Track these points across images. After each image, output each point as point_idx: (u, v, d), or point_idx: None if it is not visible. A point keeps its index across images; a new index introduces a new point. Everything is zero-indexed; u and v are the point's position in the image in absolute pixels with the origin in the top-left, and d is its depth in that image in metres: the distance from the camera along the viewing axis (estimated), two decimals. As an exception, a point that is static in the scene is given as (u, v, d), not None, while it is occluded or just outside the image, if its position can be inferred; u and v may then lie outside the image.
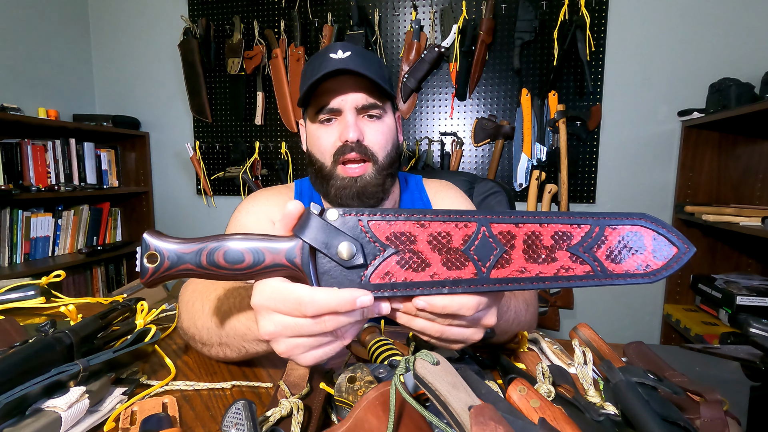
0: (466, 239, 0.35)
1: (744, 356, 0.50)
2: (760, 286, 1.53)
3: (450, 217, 0.35)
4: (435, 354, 0.35)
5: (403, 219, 0.35)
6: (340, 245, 0.33)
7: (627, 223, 0.36)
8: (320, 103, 0.71)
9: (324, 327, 0.33)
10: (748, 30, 1.65)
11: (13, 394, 0.37)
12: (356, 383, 0.40)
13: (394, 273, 0.34)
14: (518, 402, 0.37)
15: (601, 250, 0.36)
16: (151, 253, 0.33)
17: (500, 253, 0.35)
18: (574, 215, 0.36)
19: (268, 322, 0.34)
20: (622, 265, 0.35)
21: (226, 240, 0.34)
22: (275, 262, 0.34)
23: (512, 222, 0.35)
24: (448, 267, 0.35)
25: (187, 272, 0.34)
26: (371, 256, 0.34)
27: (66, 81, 2.17)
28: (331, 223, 0.34)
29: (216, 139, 2.16)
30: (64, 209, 2.01)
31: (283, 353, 0.35)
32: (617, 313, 1.92)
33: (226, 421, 0.33)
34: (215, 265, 0.33)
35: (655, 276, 0.35)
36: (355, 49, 0.69)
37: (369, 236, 0.34)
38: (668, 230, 0.36)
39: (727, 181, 1.71)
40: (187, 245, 0.33)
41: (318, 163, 0.74)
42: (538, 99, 1.82)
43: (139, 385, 0.49)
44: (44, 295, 0.79)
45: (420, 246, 0.35)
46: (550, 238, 0.36)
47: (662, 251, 0.35)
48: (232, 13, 2.05)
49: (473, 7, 1.83)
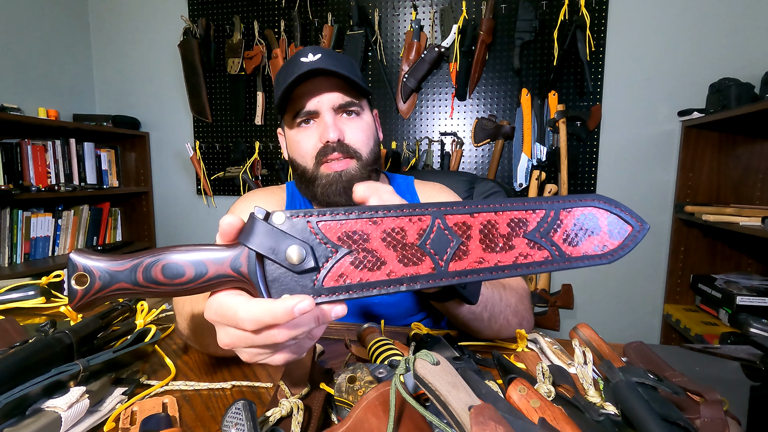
0: (421, 233, 0.34)
1: (744, 356, 0.50)
2: (760, 286, 1.53)
3: (403, 212, 0.34)
4: (435, 354, 0.35)
5: (354, 217, 0.33)
6: (288, 249, 0.31)
7: (581, 205, 0.36)
8: (296, 107, 0.70)
9: (274, 339, 0.30)
10: (748, 30, 1.65)
11: (13, 394, 0.37)
12: (356, 383, 0.40)
13: (349, 274, 0.33)
14: (518, 402, 0.37)
15: (558, 234, 0.35)
16: (79, 274, 0.30)
17: (457, 245, 0.34)
18: (528, 201, 0.35)
19: (224, 335, 0.32)
20: (580, 247, 0.35)
21: (164, 253, 0.31)
22: (219, 272, 0.31)
23: (467, 212, 0.35)
24: (405, 263, 0.33)
25: (122, 291, 0.31)
26: (323, 258, 0.32)
27: (66, 81, 2.17)
28: (278, 227, 0.32)
29: (216, 139, 2.16)
30: (64, 209, 2.01)
31: (247, 360, 0.33)
32: (617, 313, 1.92)
33: (226, 421, 0.33)
34: (154, 282, 0.31)
35: (612, 256, 0.35)
36: (325, 51, 0.69)
37: (319, 238, 0.32)
38: (621, 209, 0.35)
39: (727, 181, 1.71)
40: (119, 262, 0.31)
41: (300, 167, 0.73)
42: (538, 99, 1.82)
43: (139, 385, 0.49)
44: (44, 295, 0.79)
45: (374, 244, 0.33)
46: (506, 225, 0.35)
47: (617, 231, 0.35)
48: (232, 13, 2.05)
49: (473, 7, 1.83)
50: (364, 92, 0.73)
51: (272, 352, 0.33)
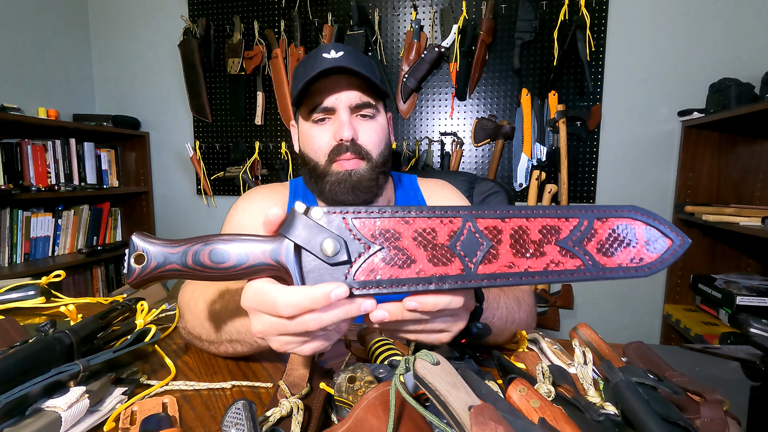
0: (452, 235, 0.34)
1: (744, 356, 0.50)
2: (760, 286, 1.53)
3: (435, 213, 0.35)
4: (435, 354, 0.35)
5: (388, 216, 0.34)
6: (324, 242, 0.33)
7: (617, 215, 0.35)
8: (314, 102, 0.70)
9: (306, 326, 0.33)
10: (748, 30, 1.65)
11: (13, 394, 0.37)
12: (356, 383, 0.40)
13: (380, 270, 0.34)
14: (518, 402, 0.37)
15: (592, 243, 0.35)
16: (138, 254, 0.34)
17: (487, 248, 0.34)
18: (560, 209, 0.35)
19: (258, 322, 0.34)
20: (615, 258, 0.35)
21: (212, 241, 0.34)
22: (259, 261, 0.34)
23: (498, 217, 0.35)
24: (434, 263, 0.34)
25: (173, 272, 0.34)
26: (356, 253, 0.34)
27: (66, 81, 2.17)
28: (316, 221, 0.34)
29: (216, 139, 2.16)
30: (64, 209, 2.01)
31: (277, 349, 0.35)
32: (617, 313, 1.92)
33: (226, 421, 0.33)
34: (201, 265, 0.34)
35: (650, 269, 0.34)
36: (348, 49, 0.70)
37: (353, 233, 0.34)
38: (660, 222, 0.35)
39: (727, 181, 1.71)
40: (173, 246, 0.34)
41: (312, 162, 0.73)
42: (538, 99, 1.82)
43: (139, 385, 0.49)
44: (44, 295, 0.79)
45: (405, 243, 0.34)
46: (537, 232, 0.35)
47: (656, 244, 0.34)
48: (232, 13, 2.05)
49: (473, 7, 1.83)
50: (382, 94, 0.74)
51: (302, 342, 0.35)
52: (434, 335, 0.40)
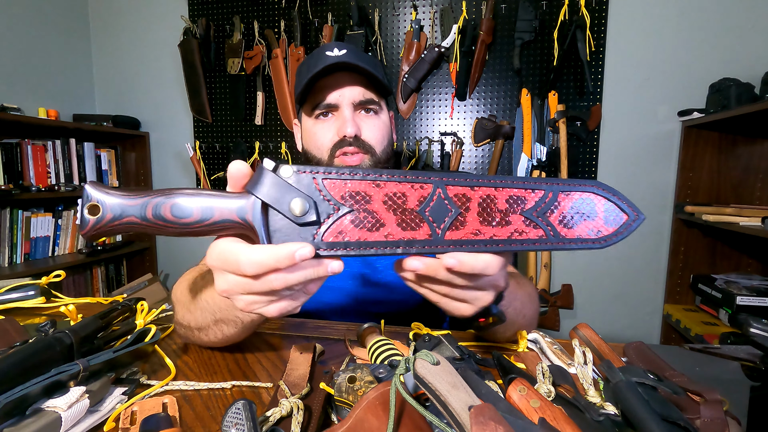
0: (422, 200, 0.35)
1: (744, 356, 0.50)
2: (760, 286, 1.53)
3: (406, 178, 0.35)
4: (435, 354, 0.35)
5: (359, 178, 0.34)
6: (292, 201, 0.32)
7: (580, 189, 0.37)
8: (317, 99, 0.71)
9: (271, 285, 0.32)
10: (748, 30, 1.65)
11: (13, 394, 0.37)
12: (356, 383, 0.40)
13: (348, 232, 0.34)
14: (518, 402, 0.37)
15: (554, 215, 0.36)
16: (92, 204, 0.31)
17: (455, 215, 0.35)
18: (528, 180, 0.36)
19: (222, 281, 0.34)
20: (574, 230, 0.36)
21: (174, 194, 0.32)
22: (224, 218, 0.32)
23: (468, 185, 0.36)
24: (403, 228, 0.34)
25: (130, 225, 0.32)
26: (325, 214, 0.33)
27: (66, 81, 2.17)
28: (285, 179, 0.33)
29: (216, 139, 2.16)
30: (64, 209, 2.01)
31: (243, 309, 0.35)
32: (617, 313, 1.92)
33: (226, 421, 0.33)
34: (161, 219, 0.32)
35: (605, 241, 0.36)
36: (351, 47, 0.70)
37: (323, 194, 0.33)
38: (619, 198, 0.37)
39: (727, 181, 1.71)
40: (131, 198, 0.32)
41: (315, 159, 0.74)
42: (538, 99, 1.82)
43: (139, 385, 0.49)
44: (44, 295, 0.79)
45: (375, 206, 0.34)
46: (504, 201, 0.36)
47: (613, 218, 0.37)
48: (232, 13, 2.05)
49: (473, 7, 1.83)
50: (385, 91, 0.74)
51: (268, 302, 0.34)
52: (457, 303, 0.40)
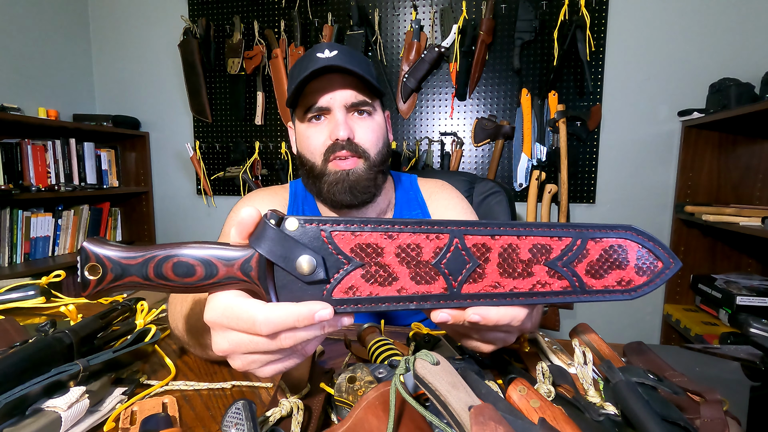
0: (438, 252, 0.33)
1: (744, 356, 0.50)
2: (760, 286, 1.53)
3: (421, 228, 0.33)
4: (435, 354, 0.35)
5: (370, 230, 0.32)
6: (299, 259, 0.30)
7: (612, 235, 0.34)
8: (309, 102, 0.70)
9: (280, 344, 0.30)
10: (748, 30, 1.65)
11: (13, 394, 0.37)
12: (356, 383, 0.40)
13: (359, 287, 0.32)
14: (518, 402, 0.37)
15: (582, 264, 0.34)
16: (92, 264, 0.30)
17: (473, 267, 0.33)
18: (554, 226, 0.34)
19: (222, 339, 0.31)
20: (603, 280, 0.33)
21: (176, 249, 0.31)
22: (229, 275, 0.31)
23: (488, 234, 0.33)
24: (417, 281, 0.32)
25: (134, 285, 0.31)
26: (334, 269, 0.31)
27: (66, 81, 2.17)
28: (290, 233, 0.31)
29: (216, 139, 2.16)
30: (64, 209, 2.01)
31: (239, 368, 0.33)
32: (617, 313, 1.92)
33: (226, 421, 0.33)
34: (164, 278, 0.30)
35: (635, 292, 0.33)
36: (342, 48, 0.69)
37: (332, 248, 0.31)
38: (655, 244, 0.34)
39: (727, 181, 1.71)
40: (132, 254, 0.30)
41: (309, 163, 0.73)
42: (538, 99, 1.82)
43: (139, 385, 0.49)
44: (44, 295, 0.79)
45: (387, 259, 0.32)
46: (527, 251, 0.33)
47: (647, 266, 0.33)
48: (232, 13, 2.05)
49: (473, 7, 1.83)
50: (378, 92, 0.73)
51: (267, 361, 0.33)
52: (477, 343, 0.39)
